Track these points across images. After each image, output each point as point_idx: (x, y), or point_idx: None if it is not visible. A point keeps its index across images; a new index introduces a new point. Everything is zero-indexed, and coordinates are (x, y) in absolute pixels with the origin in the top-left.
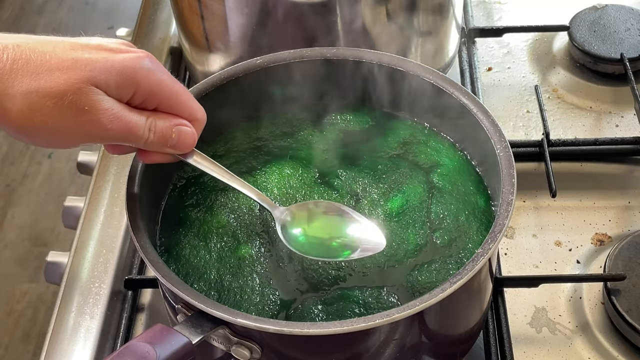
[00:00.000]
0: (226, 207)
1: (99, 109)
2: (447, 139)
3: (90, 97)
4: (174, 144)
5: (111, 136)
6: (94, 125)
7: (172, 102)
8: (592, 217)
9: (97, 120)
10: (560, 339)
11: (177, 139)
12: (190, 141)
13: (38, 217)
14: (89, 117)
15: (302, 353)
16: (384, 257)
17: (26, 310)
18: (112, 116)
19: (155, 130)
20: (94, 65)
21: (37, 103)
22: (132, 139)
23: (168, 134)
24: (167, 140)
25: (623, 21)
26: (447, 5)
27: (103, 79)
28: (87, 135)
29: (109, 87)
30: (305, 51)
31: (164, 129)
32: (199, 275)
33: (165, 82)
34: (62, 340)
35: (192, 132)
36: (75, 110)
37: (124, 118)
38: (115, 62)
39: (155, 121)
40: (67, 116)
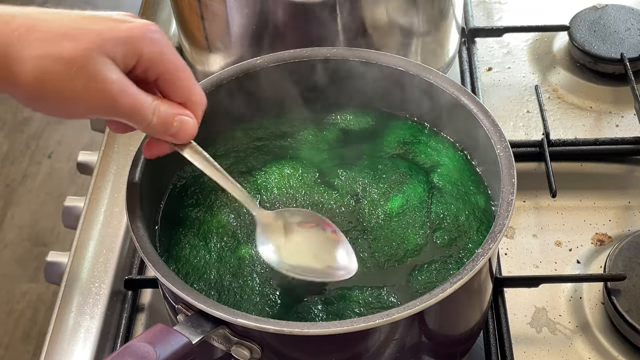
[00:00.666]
0: (226, 207)
1: (108, 78)
2: (447, 138)
3: (100, 66)
4: (174, 132)
5: (118, 110)
6: (103, 95)
7: (172, 76)
8: (592, 217)
9: (107, 89)
10: (560, 339)
11: (179, 127)
12: (190, 132)
13: (38, 217)
14: (98, 86)
15: (302, 353)
16: (384, 257)
17: (26, 310)
18: (120, 88)
19: (158, 114)
20: (101, 34)
21: (48, 67)
22: (137, 117)
23: (170, 121)
24: (169, 128)
25: (623, 21)
26: (447, 5)
27: (110, 48)
28: (96, 106)
29: (115, 56)
30: (305, 51)
31: (167, 115)
32: (199, 275)
33: (167, 54)
34: (62, 340)
35: (193, 122)
36: (85, 77)
37: (132, 93)
38: (121, 30)
39: (159, 105)
40: (76, 83)
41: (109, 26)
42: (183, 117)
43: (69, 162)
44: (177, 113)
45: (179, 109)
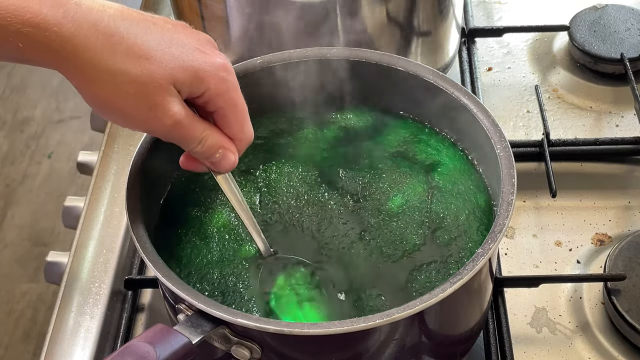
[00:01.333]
0: (227, 206)
1: (168, 110)
2: (448, 138)
3: (165, 97)
4: (214, 162)
5: (167, 137)
6: (157, 122)
7: (228, 113)
8: (592, 217)
9: (162, 120)
10: (560, 339)
11: (220, 159)
12: (229, 166)
13: (38, 217)
14: (158, 115)
15: (302, 353)
16: (383, 257)
17: (26, 310)
18: (176, 121)
19: (204, 145)
20: (177, 63)
21: (120, 85)
22: (183, 144)
23: (213, 152)
24: (210, 157)
25: (623, 21)
26: (447, 5)
27: (180, 77)
28: (148, 128)
29: (182, 86)
30: (305, 51)
31: (212, 146)
32: (201, 275)
33: (230, 93)
34: (62, 340)
35: (234, 158)
36: (148, 103)
37: (184, 126)
38: (195, 63)
39: (207, 137)
40: (139, 105)
41: (187, 55)
42: (226, 152)
43: (69, 162)
44: (221, 146)
45: (225, 142)
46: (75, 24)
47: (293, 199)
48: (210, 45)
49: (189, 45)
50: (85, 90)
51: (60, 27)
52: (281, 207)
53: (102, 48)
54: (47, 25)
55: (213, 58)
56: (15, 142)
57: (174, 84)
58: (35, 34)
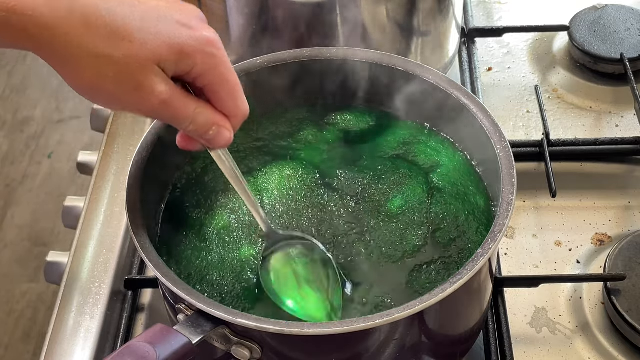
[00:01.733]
0: (227, 208)
1: (153, 90)
2: (447, 139)
3: (148, 77)
4: (209, 140)
5: (157, 116)
6: (144, 103)
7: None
8: (592, 217)
9: (149, 100)
10: (560, 339)
11: (214, 136)
12: (224, 142)
13: (38, 217)
14: (142, 95)
15: (302, 353)
16: (384, 257)
17: (26, 310)
18: (162, 101)
19: (196, 122)
20: (161, 41)
21: (103, 68)
22: (174, 123)
23: (207, 129)
24: (203, 135)
25: (623, 21)
26: (447, 5)
27: (165, 55)
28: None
29: (168, 62)
30: (305, 51)
31: (204, 123)
32: (201, 277)
33: (219, 68)
34: (62, 340)
35: (229, 134)
36: (132, 85)
37: (173, 104)
38: (181, 39)
39: (199, 115)
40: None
41: (173, 31)
42: (220, 128)
43: (69, 162)
44: (215, 123)
45: (218, 118)
46: (51, 7)
47: (293, 200)
48: (198, 20)
49: (174, 21)
50: (68, 75)
51: (35, 11)
52: (281, 208)
53: (82, 32)
54: (22, 9)
55: (199, 33)
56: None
57: (158, 63)
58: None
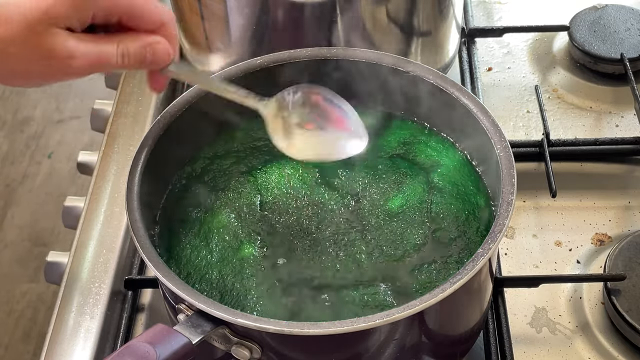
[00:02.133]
0: (227, 207)
1: (63, 51)
2: (447, 139)
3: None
4: (151, 62)
5: (85, 72)
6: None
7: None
8: (592, 217)
9: (64, 62)
10: (560, 339)
11: (152, 57)
12: (166, 56)
13: (38, 217)
14: (55, 61)
15: (302, 353)
16: (384, 257)
17: (26, 310)
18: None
19: (128, 54)
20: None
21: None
22: (107, 68)
23: (142, 55)
24: (143, 61)
25: (623, 21)
26: (447, 5)
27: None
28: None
29: (68, 18)
30: (305, 51)
31: (137, 51)
32: (201, 275)
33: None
34: (62, 340)
35: (165, 47)
36: (40, 54)
37: (91, 53)
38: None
39: (126, 45)
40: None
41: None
42: (154, 45)
43: (69, 162)
44: (147, 43)
45: (147, 37)
46: None
47: (294, 199)
48: None
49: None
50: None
51: None
52: (282, 207)
53: None
54: None
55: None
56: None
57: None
58: None
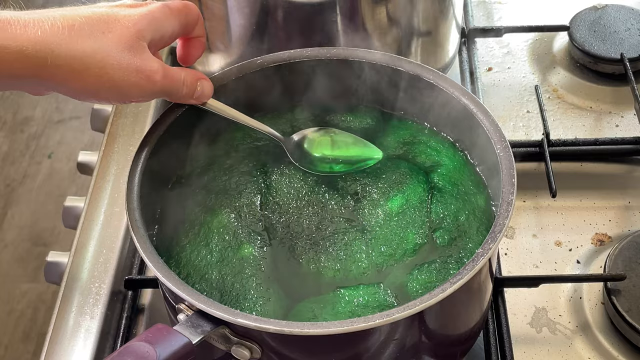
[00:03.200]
0: (226, 207)
1: (153, 69)
2: (447, 139)
3: (144, 55)
4: (198, 96)
5: (158, 92)
6: (148, 82)
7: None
8: (592, 217)
9: (152, 78)
10: (560, 339)
11: (201, 91)
12: (209, 92)
13: (38, 217)
14: (146, 75)
15: (302, 353)
16: (384, 257)
17: (26, 310)
18: (161, 73)
19: (187, 84)
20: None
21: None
22: (172, 93)
23: (194, 87)
24: (194, 93)
25: (623, 21)
26: (447, 5)
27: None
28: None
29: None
30: (305, 51)
31: (192, 82)
32: (200, 275)
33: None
34: (62, 340)
35: (210, 85)
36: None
37: (169, 75)
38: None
39: (186, 77)
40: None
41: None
42: (203, 81)
43: (69, 162)
44: (198, 78)
45: (197, 73)
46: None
47: (294, 199)
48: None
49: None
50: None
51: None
52: (282, 207)
53: (70, 37)
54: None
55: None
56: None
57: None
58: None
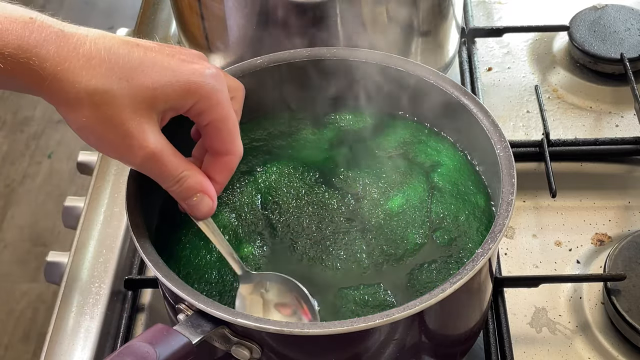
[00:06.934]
0: (227, 207)
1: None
2: (447, 138)
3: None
4: (191, 205)
5: (142, 170)
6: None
7: (222, 127)
8: (592, 217)
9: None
10: (560, 339)
11: (196, 204)
12: (205, 212)
13: (38, 217)
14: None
15: (302, 353)
16: (383, 257)
17: (26, 310)
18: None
19: (182, 185)
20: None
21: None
22: (159, 180)
23: (190, 194)
24: (186, 199)
25: (623, 21)
26: (447, 5)
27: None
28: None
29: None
30: (305, 51)
31: (190, 187)
32: (200, 275)
33: (223, 104)
34: (62, 340)
35: (211, 205)
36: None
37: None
38: (184, 75)
39: (188, 176)
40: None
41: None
42: (204, 197)
43: (69, 162)
44: (201, 190)
45: (205, 185)
46: (57, 46)
47: (294, 198)
48: (200, 57)
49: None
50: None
51: (41, 49)
52: (282, 207)
53: (82, 69)
54: (29, 47)
55: (202, 68)
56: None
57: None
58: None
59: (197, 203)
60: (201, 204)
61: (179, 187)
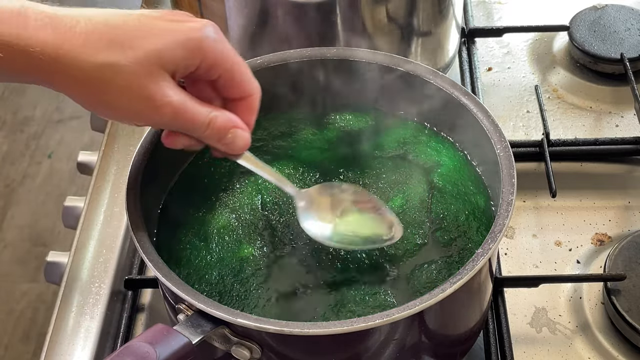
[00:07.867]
0: (227, 207)
1: (164, 97)
2: (447, 139)
3: (158, 84)
4: (227, 144)
5: (173, 126)
6: (157, 113)
7: (234, 73)
8: (592, 217)
9: (161, 110)
10: (560, 339)
11: (232, 140)
12: (242, 145)
13: (38, 217)
14: (154, 105)
15: (302, 353)
16: (384, 257)
17: (26, 310)
18: (175, 108)
19: (213, 127)
20: (163, 42)
21: (110, 80)
22: (190, 130)
23: (224, 133)
24: (222, 139)
25: (623, 21)
26: (447, 5)
27: (170, 55)
28: (150, 121)
29: (175, 63)
30: (305, 51)
31: (222, 127)
32: (200, 275)
33: (227, 53)
34: (62, 340)
35: (247, 136)
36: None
37: (187, 112)
38: (181, 32)
39: (216, 117)
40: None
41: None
42: (237, 131)
43: (69, 162)
44: (233, 125)
45: (235, 120)
46: (53, 28)
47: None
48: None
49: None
50: (77, 93)
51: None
52: (282, 207)
53: (84, 46)
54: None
55: (197, 22)
56: (15, 142)
57: (164, 66)
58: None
59: (232, 140)
60: (237, 139)
61: (212, 130)
